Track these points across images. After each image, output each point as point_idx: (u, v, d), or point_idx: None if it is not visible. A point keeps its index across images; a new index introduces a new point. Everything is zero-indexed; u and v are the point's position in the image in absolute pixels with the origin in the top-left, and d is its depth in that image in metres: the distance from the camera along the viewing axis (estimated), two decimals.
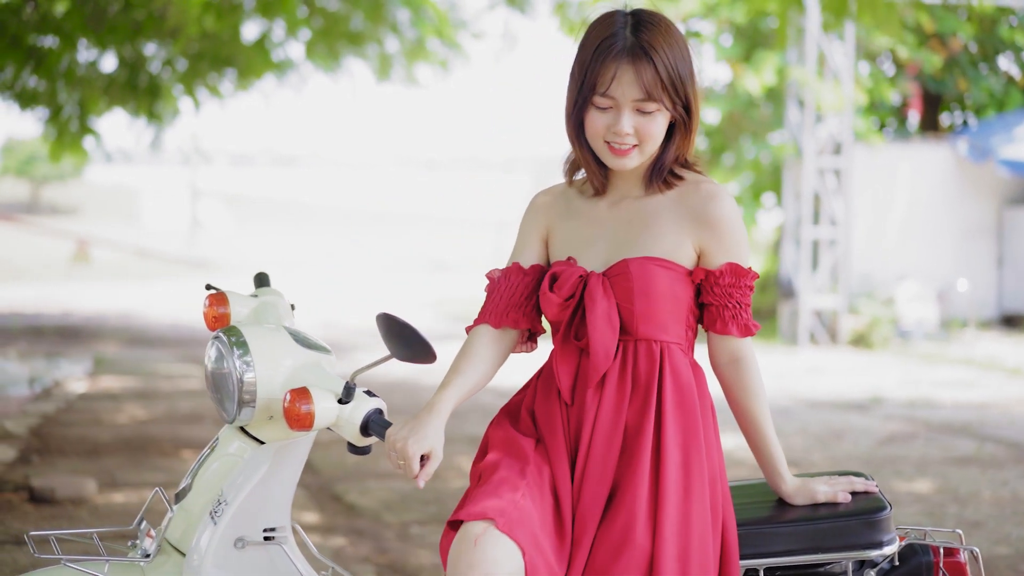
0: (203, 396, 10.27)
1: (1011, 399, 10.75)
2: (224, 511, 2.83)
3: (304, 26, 13.26)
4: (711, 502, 2.78)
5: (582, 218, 2.93)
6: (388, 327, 2.68)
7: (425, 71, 15.30)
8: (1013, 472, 7.78)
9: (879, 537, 2.86)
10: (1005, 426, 9.42)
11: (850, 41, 14.83)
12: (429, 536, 6.14)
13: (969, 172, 16.02)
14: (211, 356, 2.90)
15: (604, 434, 2.80)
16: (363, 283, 25.09)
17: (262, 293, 3.13)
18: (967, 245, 16.08)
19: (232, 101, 15.70)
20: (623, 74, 2.75)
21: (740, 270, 2.83)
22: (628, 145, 2.79)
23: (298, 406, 2.70)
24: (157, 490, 3.05)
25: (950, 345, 14.43)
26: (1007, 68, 17.89)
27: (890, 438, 8.88)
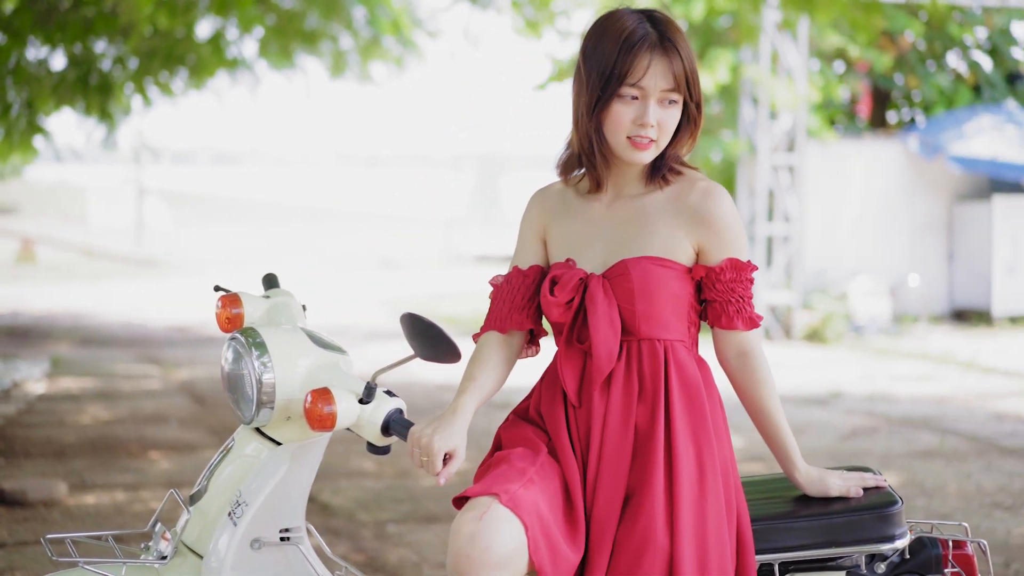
0: (166, 396, 10.23)
1: (967, 393, 10.88)
2: (244, 512, 2.83)
3: (258, 23, 13.18)
4: (725, 497, 2.81)
5: (579, 218, 2.95)
6: (413, 327, 2.69)
7: (380, 68, 15.25)
8: (976, 465, 7.88)
9: (892, 531, 2.90)
10: (964, 420, 9.54)
11: (803, 39, 14.95)
12: (406, 535, 6.15)
13: (920, 168, 16.20)
14: (228, 357, 2.90)
15: (615, 436, 2.82)
16: (313, 281, 24.98)
17: (273, 294, 3.13)
18: (918, 241, 16.25)
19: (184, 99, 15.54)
20: (656, 64, 2.79)
21: (740, 264, 2.86)
22: (649, 139, 2.82)
23: (320, 407, 2.70)
24: (172, 492, 3.04)
25: (903, 340, 14.58)
26: (955, 65, 18.09)
27: (853, 432, 8.97)
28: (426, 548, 5.93)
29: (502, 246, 32.34)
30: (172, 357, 12.69)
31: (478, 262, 31.00)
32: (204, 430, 8.74)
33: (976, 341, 14.40)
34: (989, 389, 11.10)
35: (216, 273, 26.53)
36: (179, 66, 13.93)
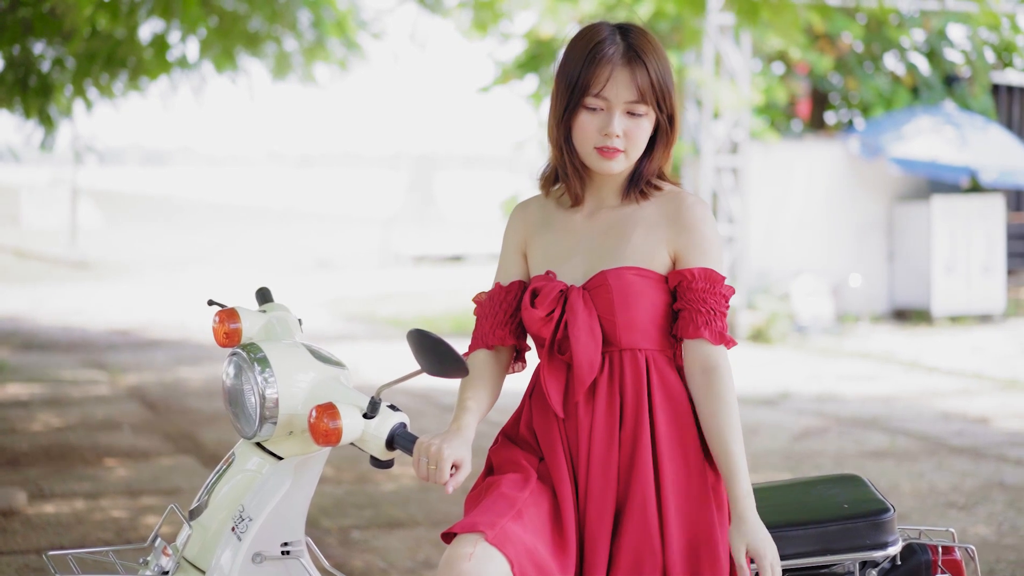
0: (116, 402, 10.16)
1: (913, 392, 11.02)
2: (249, 527, 2.85)
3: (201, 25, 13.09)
4: (716, 505, 2.85)
5: (559, 230, 2.98)
6: (420, 343, 2.71)
7: (323, 70, 15.21)
8: (927, 464, 8.00)
9: (884, 538, 2.96)
10: (912, 419, 9.67)
11: (746, 42, 15.07)
12: (371, 540, 6.16)
13: (860, 169, 16.37)
14: (229, 373, 2.92)
15: (601, 447, 2.85)
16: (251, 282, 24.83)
17: (269, 308, 3.14)
18: (859, 241, 16.42)
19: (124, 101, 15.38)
20: (618, 75, 2.82)
21: (714, 276, 2.85)
22: (615, 148, 2.85)
23: (326, 422, 2.72)
24: (172, 506, 3.04)
25: (845, 339, 14.74)
26: (893, 67, 18.29)
27: (804, 433, 9.07)
28: (392, 554, 5.95)
29: (439, 246, 32.28)
30: (118, 362, 12.58)
31: (416, 262, 30.94)
32: (159, 437, 8.69)
33: (917, 340, 14.59)
34: (934, 388, 11.25)
35: (152, 274, 26.33)
36: (120, 68, 13.82)
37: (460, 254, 31.56)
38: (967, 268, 15.95)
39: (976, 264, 15.98)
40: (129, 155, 76.88)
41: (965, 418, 9.72)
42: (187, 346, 14.23)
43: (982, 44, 18.14)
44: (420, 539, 6.18)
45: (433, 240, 32.79)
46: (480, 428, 2.91)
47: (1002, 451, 8.40)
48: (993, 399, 10.65)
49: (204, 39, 13.55)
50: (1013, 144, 16.45)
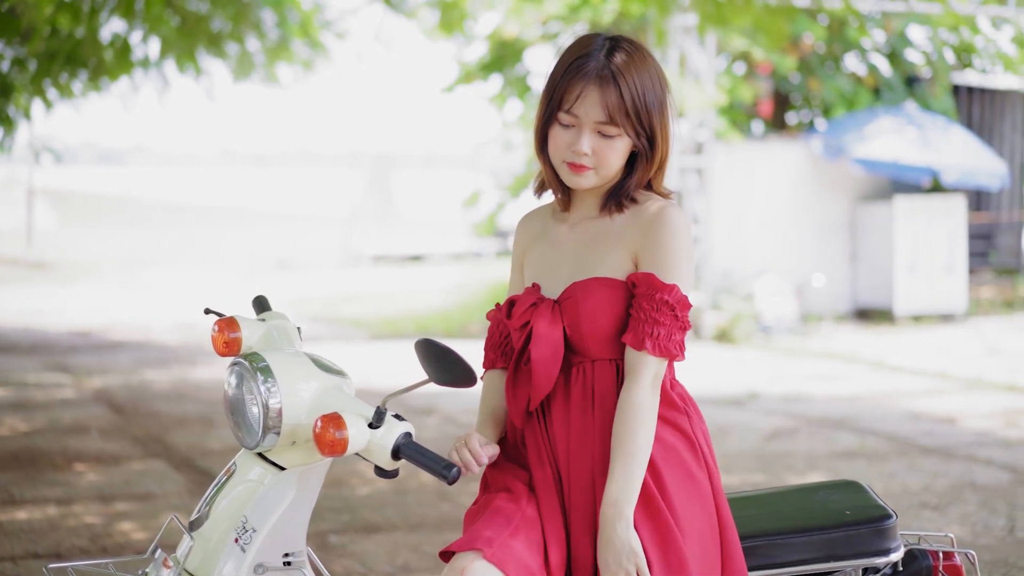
0: (82, 406, 10.07)
1: (879, 392, 11.08)
2: (253, 538, 2.81)
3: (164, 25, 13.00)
4: (704, 514, 2.82)
5: (549, 241, 2.97)
6: (429, 352, 2.69)
7: (286, 70, 15.16)
8: (898, 465, 8.04)
9: (887, 544, 2.97)
10: (879, 419, 9.72)
11: (711, 43, 15.12)
12: (349, 545, 6.13)
13: (823, 170, 16.46)
14: (231, 382, 2.88)
15: (578, 459, 2.84)
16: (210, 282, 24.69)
17: (268, 317, 3.11)
18: (822, 241, 16.51)
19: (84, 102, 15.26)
20: (588, 94, 2.79)
21: (654, 281, 2.77)
22: (585, 165, 2.82)
23: (332, 432, 2.69)
24: (172, 517, 3.01)
25: (809, 339, 14.82)
26: (854, 68, 18.40)
27: (774, 433, 9.10)
28: (370, 558, 5.92)
29: (399, 246, 32.22)
30: (81, 364, 12.48)
31: (376, 262, 30.86)
32: (127, 440, 8.62)
33: (880, 340, 14.68)
34: (899, 388, 11.32)
35: (111, 275, 26.12)
36: (80, 68, 13.71)
37: (420, 254, 31.49)
38: (929, 268, 16.07)
39: (938, 264, 16.11)
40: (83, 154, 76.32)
41: (932, 418, 9.78)
42: (150, 348, 14.14)
43: (942, 45, 18.28)
44: (398, 543, 6.16)
45: (393, 240, 32.73)
46: None
47: (971, 451, 8.46)
48: (959, 399, 10.72)
49: (166, 39, 13.47)
50: (974, 144, 16.58)
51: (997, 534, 6.35)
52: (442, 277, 25.11)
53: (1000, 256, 18.90)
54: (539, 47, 17.81)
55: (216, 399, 10.40)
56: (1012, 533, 6.39)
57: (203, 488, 7.24)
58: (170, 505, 6.81)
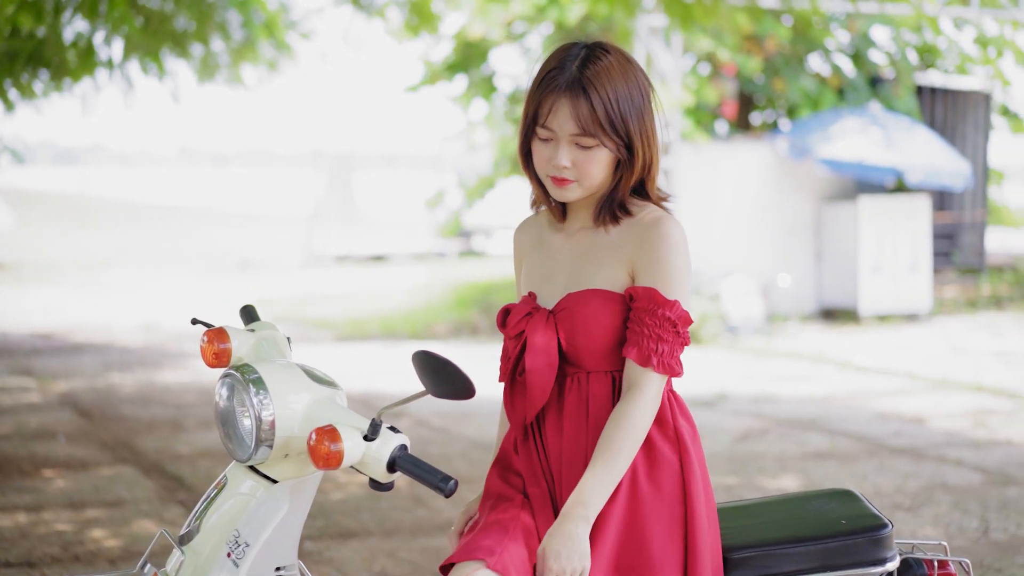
0: (48, 410, 9.97)
1: (847, 392, 11.11)
2: (246, 552, 2.78)
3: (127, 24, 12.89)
4: (691, 527, 2.78)
5: (545, 250, 2.95)
6: (427, 364, 2.66)
7: (250, 71, 15.05)
8: (869, 466, 8.06)
9: (883, 554, 2.97)
10: (849, 420, 9.74)
11: (677, 44, 15.13)
12: (325, 551, 6.09)
13: (788, 170, 16.50)
14: (222, 394, 2.85)
15: (570, 471, 2.82)
16: (172, 283, 24.54)
17: (257, 327, 3.07)
18: (788, 241, 16.56)
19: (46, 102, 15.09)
20: (560, 108, 2.78)
21: (657, 297, 2.75)
22: (567, 178, 2.80)
23: (327, 445, 2.65)
24: (162, 531, 2.96)
25: (776, 340, 14.85)
26: (818, 69, 18.46)
27: (745, 435, 9.10)
28: (347, 565, 5.88)
29: (362, 246, 32.11)
30: (45, 367, 12.36)
31: (338, 262, 30.75)
32: (96, 446, 8.53)
33: (846, 340, 14.73)
34: (867, 388, 11.35)
35: (71, 276, 25.91)
36: (42, 68, 13.58)
37: (383, 254, 31.41)
38: (894, 268, 16.15)
39: (902, 264, 16.18)
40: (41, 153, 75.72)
41: (901, 418, 9.81)
42: (114, 350, 14.02)
43: (905, 46, 18.38)
44: (374, 549, 6.12)
45: (355, 240, 32.62)
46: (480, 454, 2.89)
47: (941, 451, 8.49)
48: (926, 399, 10.76)
49: (129, 39, 13.36)
50: (938, 145, 16.67)
51: (971, 535, 6.37)
52: (406, 277, 25.03)
53: (963, 256, 19.01)
54: (505, 47, 17.80)
55: (183, 402, 10.33)
56: (986, 535, 6.41)
57: (174, 494, 7.19)
58: (140, 512, 6.75)
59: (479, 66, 17.72)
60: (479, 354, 14.33)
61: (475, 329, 16.99)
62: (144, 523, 6.51)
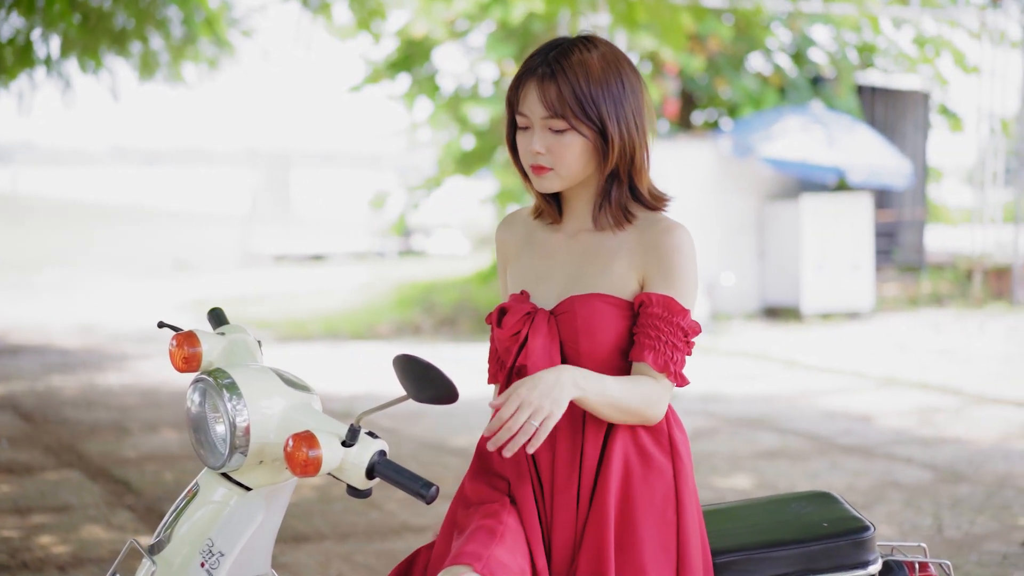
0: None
1: (794, 391, 11.14)
2: (220, 562, 2.70)
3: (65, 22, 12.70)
4: (661, 524, 2.75)
5: (539, 250, 2.90)
6: (408, 369, 2.59)
7: (191, 69, 14.88)
8: (820, 464, 8.07)
9: (865, 557, 2.94)
10: (797, 418, 9.77)
11: (620, 42, 15.12)
12: (279, 556, 5.99)
13: (731, 169, 16.56)
14: (195, 400, 2.77)
15: (562, 478, 2.77)
16: (106, 284, 24.26)
17: (227, 331, 3.00)
18: (731, 240, 16.61)
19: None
20: (529, 92, 2.76)
21: (673, 305, 2.73)
22: (543, 165, 2.76)
23: (304, 451, 2.58)
24: (131, 541, 2.88)
25: (720, 338, 14.89)
26: (760, 68, 18.55)
27: (695, 434, 9.09)
28: (303, 569, 5.80)
29: (299, 245, 31.92)
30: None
31: (276, 262, 30.55)
32: (39, 450, 8.38)
33: (789, 338, 14.80)
34: (813, 386, 11.40)
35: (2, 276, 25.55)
36: None
37: (321, 253, 31.24)
38: (836, 266, 16.25)
39: (844, 262, 16.29)
40: None
41: (849, 416, 9.85)
42: (52, 352, 13.82)
43: (845, 45, 18.51)
44: (329, 553, 6.05)
45: (292, 239, 32.43)
46: None
47: (890, 449, 8.52)
48: (872, 397, 10.82)
49: (67, 37, 13.17)
50: (879, 144, 16.79)
51: (925, 533, 6.39)
52: (346, 277, 24.90)
53: (903, 254, 19.18)
54: (447, 46, 17.73)
55: (127, 405, 10.18)
56: (940, 532, 6.43)
57: (121, 499, 7.07)
58: (88, 517, 6.62)
59: (422, 64, 17.65)
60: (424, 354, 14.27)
61: (418, 329, 16.92)
62: (93, 529, 6.39)
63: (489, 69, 17.94)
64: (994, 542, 6.20)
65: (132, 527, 6.43)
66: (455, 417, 9.36)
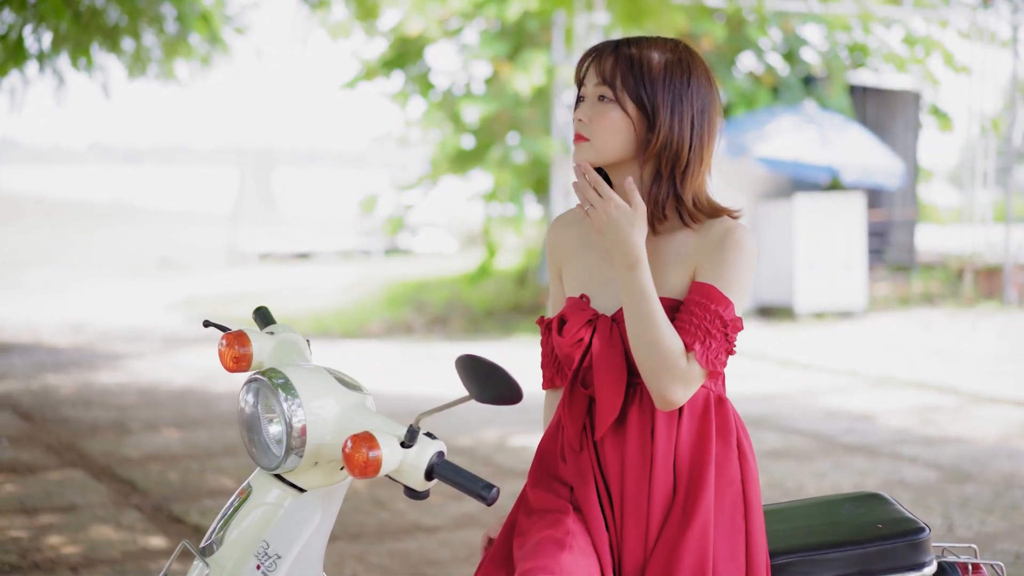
0: None
1: (792, 390, 11.14)
2: (278, 564, 2.66)
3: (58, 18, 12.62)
4: (731, 531, 2.73)
5: (596, 251, 2.83)
6: (473, 369, 2.55)
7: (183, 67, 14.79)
8: (826, 463, 8.07)
9: (922, 558, 2.91)
10: (798, 418, 9.76)
11: None
12: None
13: (725, 168, 16.54)
14: (248, 400, 2.72)
15: (632, 483, 2.73)
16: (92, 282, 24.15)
17: (276, 330, 2.96)
18: None
19: None
20: (593, 65, 2.74)
21: (712, 292, 2.64)
22: (581, 133, 2.71)
23: (364, 452, 2.54)
24: (184, 543, 2.84)
25: None
26: (752, 68, 18.55)
27: None
28: None
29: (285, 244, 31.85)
30: None
31: (261, 260, 30.47)
32: (40, 449, 8.32)
33: (783, 337, 14.80)
34: (811, 386, 11.40)
35: None
36: None
37: (307, 252, 31.18)
38: (829, 265, 16.26)
39: (837, 261, 16.30)
40: None
41: (849, 416, 9.85)
42: (42, 351, 13.75)
43: (836, 45, 18.52)
44: (343, 554, 6.01)
45: (278, 237, 32.35)
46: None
47: (894, 448, 8.52)
48: (870, 396, 10.83)
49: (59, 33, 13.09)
50: (872, 143, 16.81)
51: (936, 533, 6.39)
52: (332, 275, 24.84)
53: (894, 253, 19.20)
54: (441, 44, 17.69)
55: (125, 404, 10.13)
56: (952, 532, 6.42)
57: (128, 499, 7.02)
58: (96, 517, 6.57)
59: (415, 62, 17.60)
60: (416, 352, 14.23)
61: (409, 328, 16.89)
62: (102, 529, 6.34)
63: (482, 67, 17.91)
64: (1006, 541, 6.20)
65: (141, 527, 6.38)
66: (455, 417, 9.34)
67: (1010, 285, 17.49)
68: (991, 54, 18.03)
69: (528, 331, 16.15)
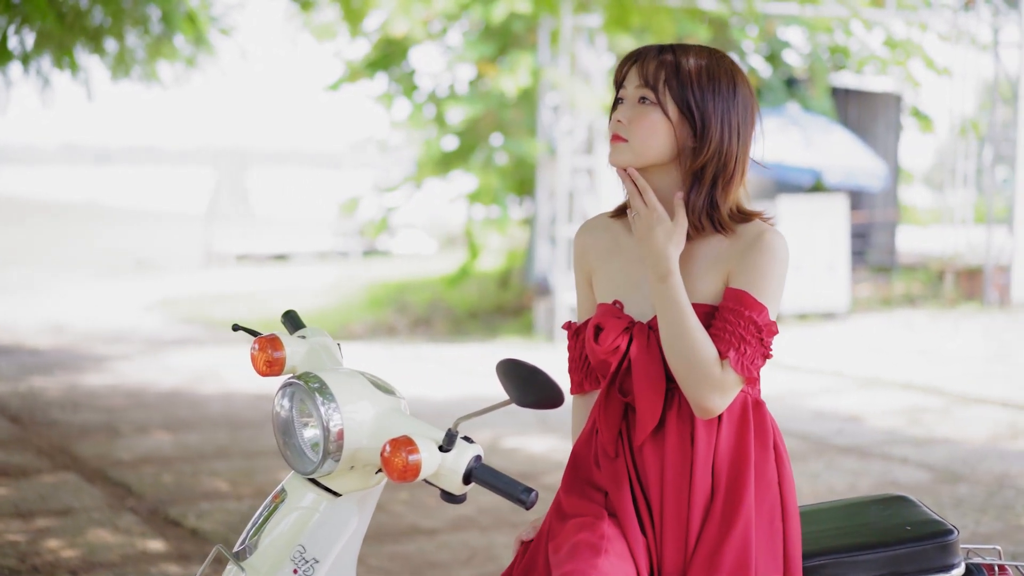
0: None
1: (780, 391, 11.17)
2: (315, 568, 2.66)
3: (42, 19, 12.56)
4: (769, 534, 2.74)
5: (628, 256, 2.81)
6: (514, 373, 2.55)
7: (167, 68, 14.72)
8: (818, 464, 8.10)
9: (950, 560, 2.93)
10: (788, 418, 9.78)
11: (601, 42, 15.13)
12: None
13: None
14: (284, 404, 2.72)
15: (673, 490, 2.73)
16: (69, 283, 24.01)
17: (307, 334, 2.96)
18: None
19: None
20: (635, 67, 2.73)
21: (745, 299, 2.64)
22: (620, 135, 2.70)
23: (403, 456, 2.53)
24: (218, 547, 2.83)
25: None
26: None
27: None
28: None
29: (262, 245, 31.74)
30: None
31: (238, 261, 30.37)
32: (32, 452, 8.27)
33: None
34: (798, 387, 11.43)
35: None
36: None
37: (284, 253, 31.09)
38: (812, 267, 16.30)
39: (821, 263, 16.34)
40: None
41: (838, 417, 9.89)
42: (24, 352, 13.67)
43: (818, 47, 18.59)
44: None
45: (254, 239, 32.24)
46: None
47: (885, 449, 8.56)
48: (858, 397, 10.87)
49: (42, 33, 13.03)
50: (855, 145, 16.88)
51: None
52: (311, 277, 24.79)
53: (875, 255, 19.28)
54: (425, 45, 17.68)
55: (113, 407, 10.08)
56: None
57: (123, 501, 7.00)
58: (93, 520, 6.54)
59: (399, 64, 17.59)
60: (402, 354, 14.21)
61: (392, 329, 16.87)
62: (99, 532, 6.32)
63: (466, 69, 17.91)
64: (1000, 542, 6.24)
65: (139, 531, 6.36)
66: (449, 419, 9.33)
67: (990, 286, 17.58)
68: (971, 56, 18.14)
69: (512, 332, 16.16)
